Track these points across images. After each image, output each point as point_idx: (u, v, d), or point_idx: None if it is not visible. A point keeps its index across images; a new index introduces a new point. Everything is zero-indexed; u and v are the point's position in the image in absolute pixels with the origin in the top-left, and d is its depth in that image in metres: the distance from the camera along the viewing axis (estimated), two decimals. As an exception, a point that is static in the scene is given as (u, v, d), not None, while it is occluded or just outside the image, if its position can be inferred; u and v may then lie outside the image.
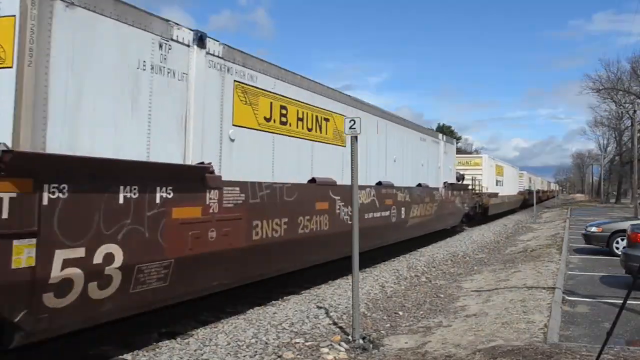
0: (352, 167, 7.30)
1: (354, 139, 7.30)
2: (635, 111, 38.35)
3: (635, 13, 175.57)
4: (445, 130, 78.15)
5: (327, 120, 10.85)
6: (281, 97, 9.07)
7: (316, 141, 10.38)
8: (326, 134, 10.82)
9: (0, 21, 5.07)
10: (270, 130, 8.78)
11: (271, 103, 8.81)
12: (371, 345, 6.95)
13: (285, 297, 9.99)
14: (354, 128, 7.29)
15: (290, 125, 9.41)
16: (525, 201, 49.88)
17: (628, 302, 5.33)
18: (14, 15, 5.01)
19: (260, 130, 8.54)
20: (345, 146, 11.28)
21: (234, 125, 7.88)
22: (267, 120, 8.73)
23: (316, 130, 10.41)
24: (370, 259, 14.35)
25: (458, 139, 73.29)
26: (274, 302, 9.60)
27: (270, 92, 8.75)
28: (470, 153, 67.71)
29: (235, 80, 7.92)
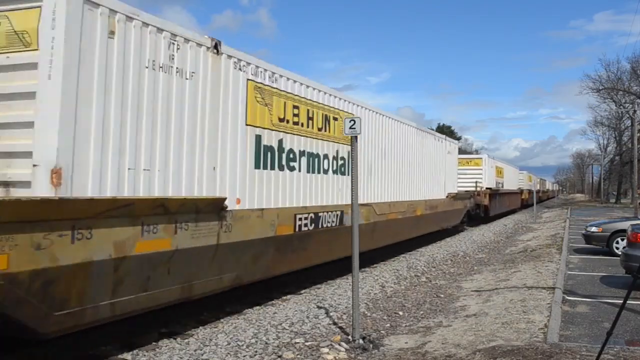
0: (352, 166, 7.28)
1: (354, 139, 7.24)
2: (635, 111, 38.32)
3: (635, 13, 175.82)
4: (446, 131, 77.45)
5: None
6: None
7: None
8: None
9: None
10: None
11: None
12: (371, 345, 6.95)
13: (285, 297, 10.00)
14: (354, 128, 7.19)
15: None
16: (484, 210, 28.81)
17: (628, 302, 5.34)
18: None
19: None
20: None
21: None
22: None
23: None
24: (370, 259, 14.35)
25: (458, 138, 71.61)
26: (274, 302, 9.60)
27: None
28: (471, 153, 54.55)
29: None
